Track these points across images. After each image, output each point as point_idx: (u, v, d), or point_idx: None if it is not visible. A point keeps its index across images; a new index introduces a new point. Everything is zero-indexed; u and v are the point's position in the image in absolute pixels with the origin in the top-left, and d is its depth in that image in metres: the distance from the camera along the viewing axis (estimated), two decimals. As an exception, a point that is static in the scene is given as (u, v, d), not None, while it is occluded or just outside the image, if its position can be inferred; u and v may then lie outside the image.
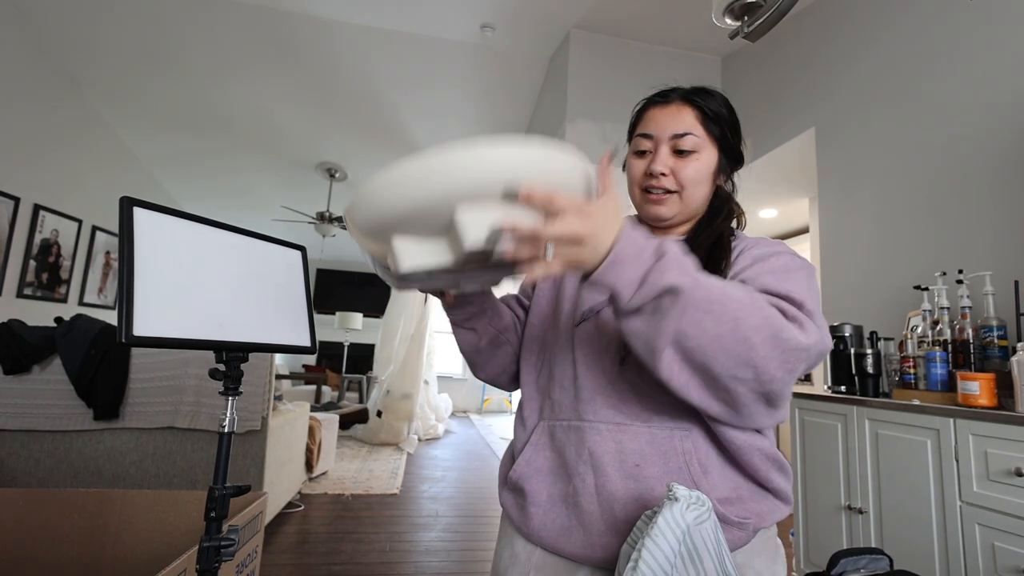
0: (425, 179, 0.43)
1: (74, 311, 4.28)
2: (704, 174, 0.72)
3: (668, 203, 0.72)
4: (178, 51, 3.72)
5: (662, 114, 0.73)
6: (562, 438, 0.67)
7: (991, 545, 1.31)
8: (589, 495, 0.63)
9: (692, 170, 0.71)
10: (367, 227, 0.48)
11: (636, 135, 0.75)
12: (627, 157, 0.77)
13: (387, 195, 0.45)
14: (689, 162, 0.71)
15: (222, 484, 0.96)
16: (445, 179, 0.43)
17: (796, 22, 2.85)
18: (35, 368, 2.02)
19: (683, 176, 0.71)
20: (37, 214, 3.76)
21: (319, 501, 3.00)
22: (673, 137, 0.71)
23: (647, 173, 0.72)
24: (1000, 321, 1.58)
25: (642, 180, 0.73)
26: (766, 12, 1.50)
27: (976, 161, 1.88)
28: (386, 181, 0.44)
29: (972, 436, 1.37)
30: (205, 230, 1.01)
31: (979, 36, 1.92)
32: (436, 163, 0.43)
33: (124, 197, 0.88)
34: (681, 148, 0.71)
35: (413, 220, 0.46)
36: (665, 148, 0.71)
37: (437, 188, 0.43)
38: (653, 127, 0.72)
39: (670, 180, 0.71)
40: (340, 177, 5.46)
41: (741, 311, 0.50)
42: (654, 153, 0.72)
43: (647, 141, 0.73)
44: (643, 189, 0.73)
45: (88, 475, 1.98)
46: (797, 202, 3.79)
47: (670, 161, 0.71)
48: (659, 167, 0.71)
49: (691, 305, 0.49)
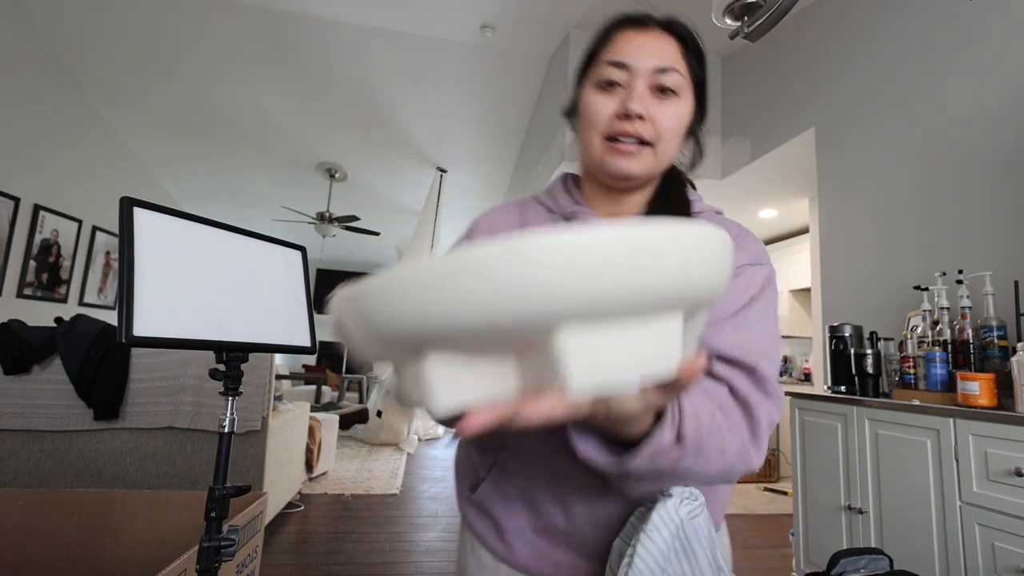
0: (523, 278, 0.24)
1: (74, 311, 4.27)
2: (683, 124, 0.58)
3: (640, 157, 0.56)
4: (179, 51, 3.72)
5: (640, 38, 0.56)
6: (529, 472, 0.57)
7: (991, 545, 1.31)
8: (558, 534, 0.57)
9: (672, 117, 0.56)
10: (391, 333, 0.28)
11: (603, 63, 0.57)
12: (581, 91, 0.59)
13: (442, 295, 0.25)
14: (670, 106, 0.56)
15: (222, 484, 0.96)
16: (558, 280, 0.24)
17: (796, 22, 2.85)
18: (35, 368, 2.02)
19: (662, 123, 0.55)
20: (37, 214, 3.76)
21: (319, 501, 3.00)
22: (656, 71, 0.55)
23: (619, 114, 0.55)
24: (1000, 321, 1.58)
25: (610, 123, 0.56)
26: (766, 12, 1.50)
27: (976, 161, 1.88)
28: (444, 271, 0.25)
29: (972, 436, 1.37)
30: (205, 230, 1.01)
31: (979, 37, 1.92)
32: (544, 254, 0.24)
33: (124, 197, 0.88)
34: (663, 85, 0.55)
35: (475, 336, 0.27)
36: (643, 84, 0.55)
37: (540, 294, 0.25)
38: (630, 54, 0.55)
39: (647, 127, 0.55)
40: (340, 177, 5.45)
41: (725, 444, 0.44)
42: (628, 89, 0.55)
43: (619, 71, 0.55)
44: (608, 136, 0.56)
45: (88, 475, 1.98)
46: (797, 202, 3.79)
47: (649, 102, 0.55)
48: (637, 106, 0.54)
49: (687, 463, 0.42)
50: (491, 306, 0.25)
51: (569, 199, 0.64)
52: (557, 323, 0.26)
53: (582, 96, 0.59)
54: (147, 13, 3.38)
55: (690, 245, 0.28)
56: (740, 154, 3.27)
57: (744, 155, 3.23)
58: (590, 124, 0.57)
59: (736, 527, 2.89)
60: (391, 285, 0.27)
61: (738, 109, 3.34)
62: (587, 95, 0.58)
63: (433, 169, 5.08)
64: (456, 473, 0.68)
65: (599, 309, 0.26)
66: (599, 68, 0.57)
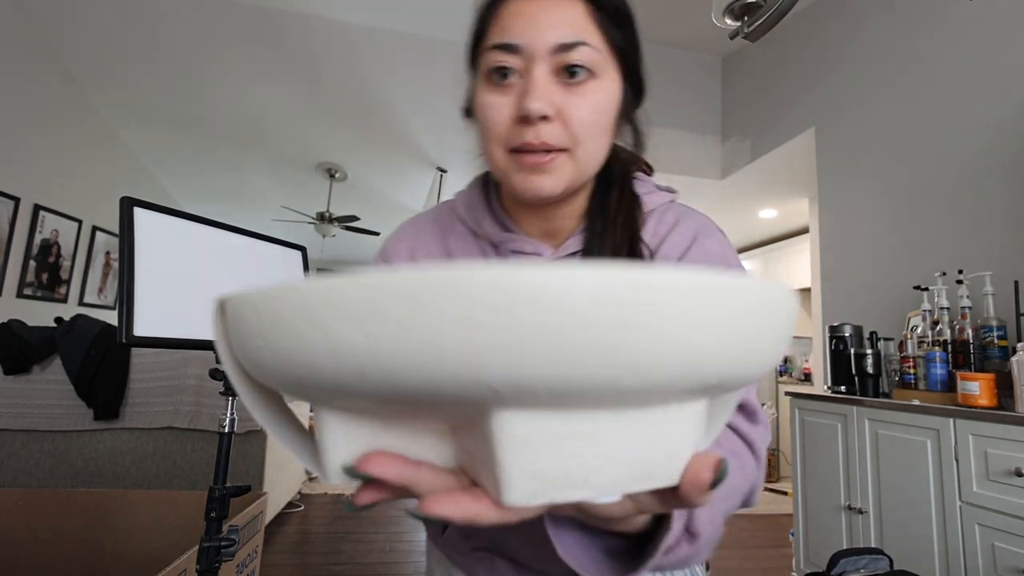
0: (468, 323, 0.15)
1: (74, 311, 4.27)
2: (607, 114, 0.44)
3: (555, 170, 0.43)
4: (181, 52, 3.72)
5: (534, 7, 0.42)
6: (488, 530, 0.50)
7: (991, 545, 1.31)
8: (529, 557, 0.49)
9: (590, 108, 0.42)
10: (260, 368, 0.20)
11: (489, 48, 0.43)
12: (473, 90, 0.48)
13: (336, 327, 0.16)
14: (584, 94, 0.42)
15: (222, 484, 0.96)
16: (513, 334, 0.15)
17: (796, 22, 2.84)
18: (35, 368, 2.02)
19: (576, 119, 0.42)
20: (37, 214, 3.75)
21: (319, 501, 3.00)
22: (557, 49, 0.41)
23: (517, 118, 0.42)
24: (1000, 321, 1.58)
25: (510, 132, 0.42)
26: (766, 12, 1.50)
27: (976, 161, 1.88)
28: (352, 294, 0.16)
29: (972, 436, 1.37)
30: (205, 230, 1.01)
31: (980, 37, 1.92)
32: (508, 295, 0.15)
33: (124, 197, 0.88)
34: (571, 66, 0.41)
35: (376, 394, 0.18)
36: (543, 69, 0.41)
37: (488, 352, 0.16)
38: (520, 31, 0.42)
39: (555, 129, 0.42)
40: (340, 177, 5.46)
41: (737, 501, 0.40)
42: (525, 78, 0.42)
43: (509, 56, 0.42)
44: (512, 149, 0.43)
45: (88, 475, 1.98)
46: (797, 202, 3.79)
47: (555, 93, 0.42)
48: (538, 104, 0.40)
49: (700, 556, 0.36)
50: (420, 358, 0.16)
51: (494, 223, 0.52)
52: (504, 402, 0.17)
53: (476, 92, 0.45)
54: (148, 14, 3.38)
55: (738, 307, 0.17)
56: (740, 154, 3.27)
57: (744, 155, 3.23)
58: (487, 132, 0.44)
59: (736, 527, 2.89)
60: (268, 307, 0.18)
61: (738, 109, 3.34)
62: (479, 93, 0.45)
63: (433, 169, 5.08)
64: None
65: (582, 390, 0.16)
66: (486, 55, 0.43)
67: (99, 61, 3.85)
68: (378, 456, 0.21)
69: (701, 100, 3.45)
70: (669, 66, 3.37)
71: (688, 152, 3.38)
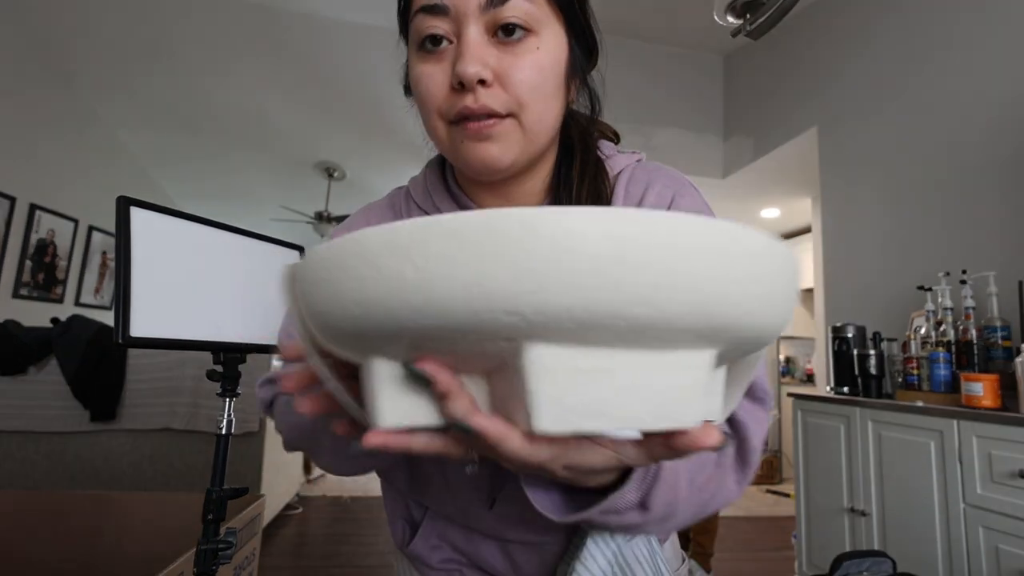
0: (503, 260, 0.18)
1: (70, 312, 4.25)
2: (553, 73, 0.41)
3: (502, 136, 0.40)
4: (177, 51, 3.71)
5: None
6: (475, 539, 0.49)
7: (995, 548, 1.30)
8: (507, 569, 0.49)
9: (530, 67, 0.39)
10: (325, 320, 0.22)
11: (416, 11, 0.40)
12: (408, 63, 0.44)
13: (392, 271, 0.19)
14: (523, 53, 0.39)
15: (219, 486, 0.95)
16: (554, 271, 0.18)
17: (798, 20, 2.84)
18: (31, 369, 2.00)
19: (517, 81, 0.39)
20: (33, 214, 3.74)
21: (317, 503, 2.99)
22: (487, 5, 0.38)
23: (454, 86, 0.39)
24: (1004, 322, 1.58)
25: (448, 102, 0.40)
26: (768, 10, 1.49)
27: (980, 161, 1.87)
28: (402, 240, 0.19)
29: (976, 438, 1.36)
30: (203, 230, 1.00)
31: (984, 35, 1.92)
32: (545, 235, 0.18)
33: (121, 197, 0.87)
34: (506, 23, 0.38)
35: (424, 333, 0.20)
36: (475, 29, 0.38)
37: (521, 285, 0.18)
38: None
39: (496, 91, 0.39)
40: (339, 176, 5.44)
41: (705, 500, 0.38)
42: (456, 42, 0.39)
43: (438, 19, 0.39)
44: (452, 120, 0.40)
45: (84, 477, 1.97)
46: (800, 201, 3.79)
47: (489, 55, 0.39)
48: (473, 68, 0.37)
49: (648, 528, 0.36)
50: (461, 289, 0.18)
51: (453, 205, 0.50)
52: (533, 333, 0.19)
53: (410, 65, 0.43)
54: (145, 12, 3.36)
55: (743, 253, 0.19)
56: (742, 153, 3.26)
57: (746, 154, 3.22)
58: (424, 105, 0.42)
59: (738, 529, 2.88)
60: (331, 256, 0.20)
61: (740, 108, 3.33)
62: (413, 64, 0.42)
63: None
64: (386, 504, 0.56)
65: (600, 321, 0.18)
66: (414, 21, 0.40)
67: (96, 61, 3.84)
68: (434, 359, 0.22)
69: (703, 99, 3.44)
70: (671, 65, 3.37)
71: (690, 151, 3.37)
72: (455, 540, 0.49)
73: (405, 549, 0.52)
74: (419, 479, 0.49)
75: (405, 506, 0.52)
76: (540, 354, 0.20)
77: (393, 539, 0.55)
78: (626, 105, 3.26)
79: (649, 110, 3.27)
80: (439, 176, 0.52)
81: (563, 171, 0.47)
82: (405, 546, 0.52)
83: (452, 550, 0.50)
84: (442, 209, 0.50)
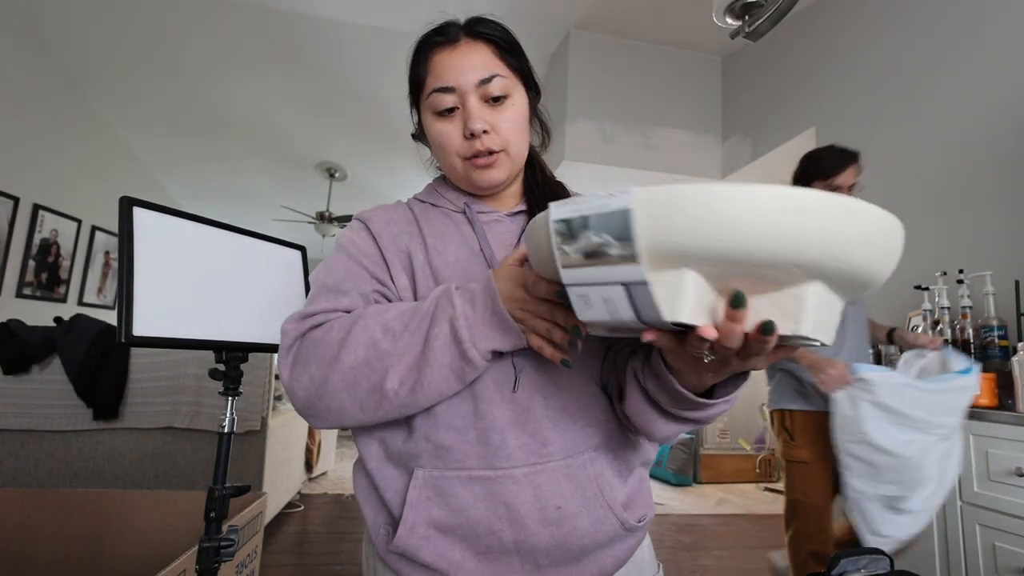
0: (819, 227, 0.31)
1: (73, 311, 4.27)
2: (523, 119, 0.63)
3: (499, 164, 0.61)
4: (179, 51, 3.72)
5: (455, 58, 0.60)
6: (462, 494, 0.53)
7: (992, 545, 1.30)
8: (507, 552, 0.54)
9: (511, 119, 0.61)
10: (682, 243, 0.33)
11: (432, 92, 0.60)
12: (422, 117, 0.65)
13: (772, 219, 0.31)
14: (505, 110, 0.60)
15: (222, 484, 0.96)
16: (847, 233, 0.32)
17: (797, 22, 2.84)
18: (34, 368, 2.01)
19: (504, 129, 0.60)
20: (36, 214, 3.75)
21: (319, 501, 3.00)
22: (480, 84, 0.59)
23: (466, 135, 0.60)
24: (1001, 321, 1.58)
25: (463, 146, 0.60)
26: (767, 12, 1.50)
27: (977, 161, 1.88)
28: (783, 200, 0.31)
29: (973, 436, 1.37)
30: (205, 230, 1.01)
31: (981, 36, 1.92)
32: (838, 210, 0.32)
33: (124, 197, 0.88)
34: (492, 95, 0.59)
35: (751, 262, 0.32)
36: (474, 99, 0.59)
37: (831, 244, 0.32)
38: (452, 77, 0.59)
39: (492, 137, 0.60)
40: (340, 177, 5.45)
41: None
42: (463, 108, 0.60)
43: (449, 96, 0.59)
44: (466, 158, 0.61)
45: (87, 475, 1.98)
46: (797, 202, 3.79)
47: (486, 114, 0.59)
48: (479, 124, 0.58)
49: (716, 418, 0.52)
50: (754, 237, 0.31)
51: (460, 195, 0.68)
52: (815, 274, 0.33)
53: (426, 123, 0.64)
54: (148, 14, 3.37)
55: (872, 221, 0.35)
56: (741, 154, 3.27)
57: (745, 155, 3.23)
58: (445, 150, 0.62)
59: (737, 527, 2.89)
60: (727, 197, 0.31)
61: (738, 109, 3.34)
62: (431, 124, 0.62)
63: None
64: (368, 533, 0.59)
65: (840, 266, 0.33)
66: (431, 98, 0.61)
67: (99, 61, 3.85)
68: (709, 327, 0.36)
69: (702, 99, 3.45)
70: (670, 65, 3.37)
71: (688, 151, 3.38)
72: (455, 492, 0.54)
73: (389, 546, 0.55)
74: (434, 414, 0.55)
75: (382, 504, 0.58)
76: (815, 290, 0.34)
77: (375, 544, 0.58)
78: (626, 105, 3.27)
79: (648, 111, 3.28)
80: (448, 185, 0.71)
81: (528, 179, 0.70)
82: (385, 547, 0.56)
83: (448, 513, 0.53)
84: (449, 197, 0.68)
